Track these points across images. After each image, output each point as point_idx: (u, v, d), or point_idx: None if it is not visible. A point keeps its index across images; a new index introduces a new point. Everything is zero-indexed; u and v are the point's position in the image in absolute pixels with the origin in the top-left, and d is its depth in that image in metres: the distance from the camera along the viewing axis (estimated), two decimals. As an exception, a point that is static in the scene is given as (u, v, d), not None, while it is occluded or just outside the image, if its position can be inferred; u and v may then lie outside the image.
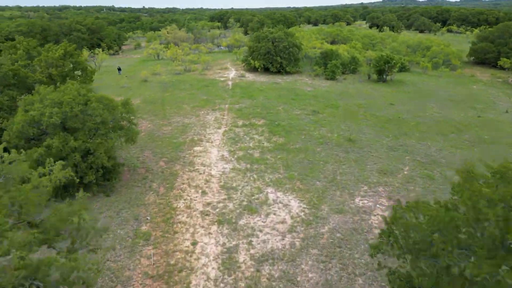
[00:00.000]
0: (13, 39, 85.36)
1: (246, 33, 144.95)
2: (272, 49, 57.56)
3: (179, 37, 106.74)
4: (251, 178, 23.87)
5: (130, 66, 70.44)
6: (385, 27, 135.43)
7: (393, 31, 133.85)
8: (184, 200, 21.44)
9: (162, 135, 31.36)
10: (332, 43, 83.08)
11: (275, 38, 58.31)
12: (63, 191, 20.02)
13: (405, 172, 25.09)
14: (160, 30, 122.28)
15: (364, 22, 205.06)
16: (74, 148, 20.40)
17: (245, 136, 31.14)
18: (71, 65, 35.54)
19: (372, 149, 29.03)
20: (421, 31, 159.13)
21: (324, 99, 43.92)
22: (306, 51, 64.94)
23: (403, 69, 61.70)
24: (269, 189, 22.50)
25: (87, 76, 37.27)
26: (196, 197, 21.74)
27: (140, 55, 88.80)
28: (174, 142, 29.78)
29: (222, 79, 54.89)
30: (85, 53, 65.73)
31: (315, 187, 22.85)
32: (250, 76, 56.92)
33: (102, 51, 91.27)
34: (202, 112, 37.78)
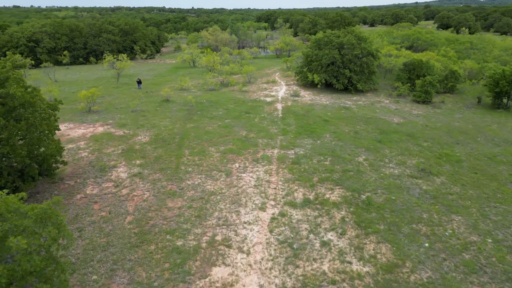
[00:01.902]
0: (37, 41, 77.64)
1: (295, 34, 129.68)
2: (338, 58, 42.17)
3: (221, 39, 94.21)
4: None
5: (157, 75, 58.27)
6: (463, 28, 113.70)
7: (470, 34, 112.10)
8: None
9: (161, 224, 17.39)
10: (409, 48, 65.54)
11: (343, 44, 42.84)
12: None
13: None
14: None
15: (432, 22, 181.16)
16: None
17: (310, 236, 16.34)
18: None
19: None
20: (503, 33, 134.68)
21: (429, 141, 27.92)
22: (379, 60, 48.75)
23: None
24: None
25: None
26: None
27: (176, 60, 77.04)
28: (178, 247, 15.68)
29: (268, 99, 40.47)
30: (108, 58, 54.45)
31: None
32: (306, 96, 42.00)
33: (134, 55, 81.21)
34: (237, 165, 23.51)
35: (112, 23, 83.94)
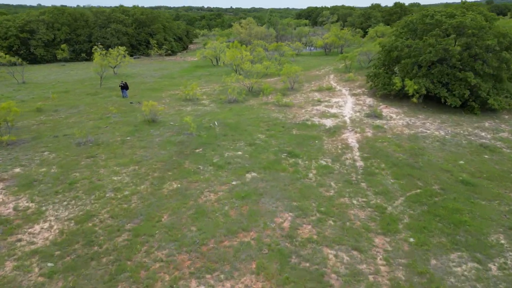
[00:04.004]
0: (32, 32, 64.89)
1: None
2: (454, 53, 23.82)
3: (255, 33, 77.63)
4: None
5: (165, 76, 42.41)
6: None
7: None
8: None
9: None
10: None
11: (462, 28, 24.42)
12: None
13: None
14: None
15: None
16: None
17: None
18: None
19: None
20: None
21: None
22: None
23: None
24: None
25: None
26: None
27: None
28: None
29: (328, 121, 22.91)
30: (98, 54, 38.91)
31: None
32: (394, 116, 24.01)
33: (148, 50, 66.17)
34: None
35: (126, 11, 69.70)
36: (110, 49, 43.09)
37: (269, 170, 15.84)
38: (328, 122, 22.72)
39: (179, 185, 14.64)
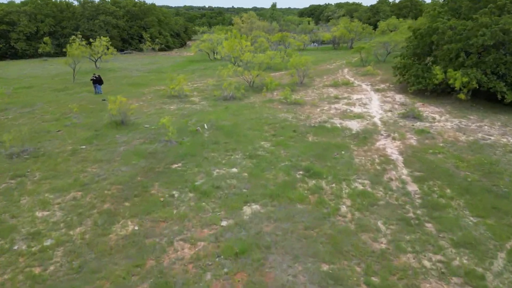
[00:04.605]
0: (12, 24, 59.52)
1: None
2: (517, 33, 18.31)
3: (257, 27, 72.23)
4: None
5: (153, 71, 37.01)
6: None
7: None
8: None
9: None
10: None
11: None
12: None
13: None
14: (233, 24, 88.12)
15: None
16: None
17: None
18: None
19: None
20: None
21: None
22: None
23: None
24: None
25: None
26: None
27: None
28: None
29: (353, 123, 17.39)
30: (75, 46, 33.37)
31: None
32: (438, 117, 18.45)
33: (140, 45, 60.18)
34: None
35: (118, 3, 64.27)
36: (91, 39, 37.87)
37: (278, 199, 10.37)
38: (354, 125, 17.20)
39: (136, 228, 9.19)
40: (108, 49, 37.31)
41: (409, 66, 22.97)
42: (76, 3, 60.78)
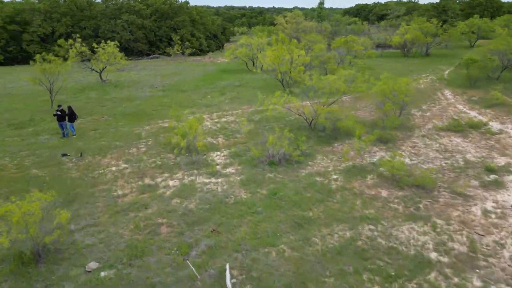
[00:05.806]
0: (24, 24, 52.55)
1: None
2: None
3: (303, 28, 61.62)
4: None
5: (172, 87, 27.38)
6: None
7: None
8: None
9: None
10: None
11: None
12: None
13: None
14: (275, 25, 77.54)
15: None
16: None
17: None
18: None
19: None
20: None
21: None
22: None
23: None
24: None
25: None
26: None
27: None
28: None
29: None
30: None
31: None
32: None
33: (169, 48, 51.36)
34: None
35: (145, 0, 56.07)
36: (94, 45, 29.40)
37: None
38: None
39: None
40: (115, 58, 28.50)
41: None
42: (98, 0, 53.22)
